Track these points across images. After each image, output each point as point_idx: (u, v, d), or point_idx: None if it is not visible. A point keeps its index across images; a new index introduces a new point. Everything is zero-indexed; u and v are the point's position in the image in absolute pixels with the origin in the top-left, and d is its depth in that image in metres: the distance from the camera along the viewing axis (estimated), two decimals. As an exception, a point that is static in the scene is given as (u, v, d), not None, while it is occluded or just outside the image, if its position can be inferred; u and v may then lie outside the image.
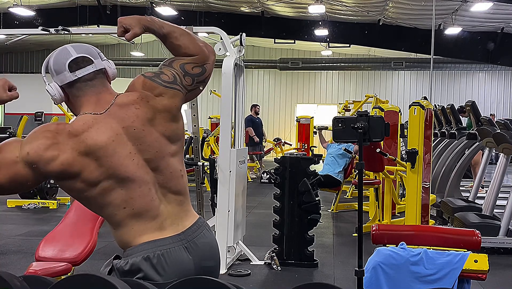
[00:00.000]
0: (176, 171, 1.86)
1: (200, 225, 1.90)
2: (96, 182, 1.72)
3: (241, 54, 5.20)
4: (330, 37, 16.59)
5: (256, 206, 8.56)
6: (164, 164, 1.83)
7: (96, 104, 1.81)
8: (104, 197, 1.75)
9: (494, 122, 6.64)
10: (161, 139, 1.83)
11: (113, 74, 1.92)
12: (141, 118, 1.80)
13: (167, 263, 1.77)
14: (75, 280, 1.46)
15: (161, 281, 1.74)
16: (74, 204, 3.85)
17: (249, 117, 12.50)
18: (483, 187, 8.79)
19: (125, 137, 1.78)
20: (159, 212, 1.81)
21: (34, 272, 3.21)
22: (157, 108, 1.83)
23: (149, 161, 1.80)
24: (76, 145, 1.70)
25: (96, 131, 1.74)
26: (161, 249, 1.77)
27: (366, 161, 5.04)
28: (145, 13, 15.17)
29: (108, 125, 1.77)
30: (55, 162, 1.68)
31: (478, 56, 17.16)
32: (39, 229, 6.74)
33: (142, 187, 1.78)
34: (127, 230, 1.80)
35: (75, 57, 1.82)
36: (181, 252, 1.80)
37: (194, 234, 1.86)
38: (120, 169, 1.75)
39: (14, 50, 21.94)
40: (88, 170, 1.71)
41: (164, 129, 1.84)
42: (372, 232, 3.15)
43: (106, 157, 1.73)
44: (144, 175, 1.79)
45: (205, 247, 1.88)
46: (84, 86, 1.82)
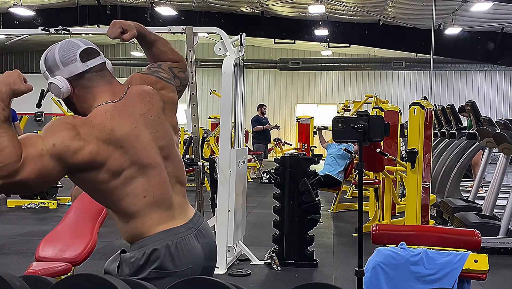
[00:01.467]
0: (180, 161, 1.95)
1: (199, 215, 1.98)
2: (120, 171, 1.73)
3: (241, 54, 5.20)
4: (330, 37, 16.59)
5: (256, 206, 8.56)
6: (174, 153, 1.91)
7: (111, 94, 1.83)
8: (125, 187, 1.75)
9: (494, 122, 6.64)
10: (170, 128, 1.92)
11: (110, 69, 1.95)
12: (156, 106, 1.87)
13: (183, 251, 1.79)
14: (75, 280, 1.46)
15: (173, 269, 1.76)
16: (74, 204, 3.85)
17: (255, 117, 12.65)
18: (482, 187, 8.79)
19: (143, 125, 1.82)
20: (172, 201, 1.86)
21: (34, 272, 3.21)
22: (164, 99, 1.93)
23: (162, 148, 1.86)
24: (101, 134, 1.70)
25: (119, 119, 1.76)
26: (178, 237, 1.80)
27: (366, 161, 5.04)
28: (145, 13, 15.18)
29: (128, 113, 1.80)
30: (82, 151, 1.66)
31: (478, 56, 17.17)
32: (39, 229, 6.74)
33: (161, 174, 1.83)
34: (144, 221, 1.79)
35: (85, 48, 1.83)
36: (193, 240, 1.85)
37: (198, 223, 1.92)
38: (143, 155, 1.78)
39: (14, 50, 21.95)
40: (113, 158, 1.72)
41: (171, 119, 1.94)
42: (372, 232, 3.15)
43: (131, 143, 1.75)
44: (161, 163, 1.85)
45: (210, 235, 1.97)
46: (95, 77, 1.83)
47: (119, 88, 1.86)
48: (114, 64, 9.21)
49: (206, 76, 20.62)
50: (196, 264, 1.82)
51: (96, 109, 1.79)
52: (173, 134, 1.93)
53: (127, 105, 1.82)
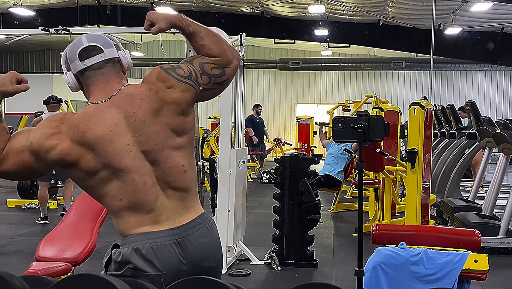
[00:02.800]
0: (177, 166, 1.85)
1: (199, 222, 1.88)
2: (93, 172, 1.77)
3: (241, 54, 5.20)
4: (330, 37, 16.59)
5: (256, 206, 8.56)
6: (163, 158, 1.83)
7: (104, 93, 1.85)
8: (101, 187, 1.79)
9: (494, 122, 6.63)
10: (163, 132, 1.83)
11: (128, 64, 1.94)
12: (144, 109, 1.82)
13: (157, 256, 1.78)
14: (75, 280, 1.46)
15: (152, 273, 1.77)
16: (74, 204, 3.85)
17: (249, 117, 12.43)
18: (483, 187, 8.79)
19: (125, 128, 1.80)
20: (155, 206, 1.81)
21: (34, 272, 3.21)
22: (165, 100, 1.84)
23: (147, 153, 1.81)
24: (75, 135, 1.76)
25: (95, 121, 1.78)
26: (151, 242, 1.78)
27: (366, 161, 5.04)
28: (144, 13, 15.17)
29: (109, 115, 1.79)
30: (53, 150, 1.76)
31: (478, 56, 17.16)
32: (39, 229, 6.74)
33: (136, 180, 1.79)
34: (123, 221, 1.83)
35: (85, 46, 1.86)
36: (171, 247, 1.80)
37: (190, 231, 1.84)
38: (115, 160, 1.77)
39: (14, 50, 21.93)
40: (85, 160, 1.76)
41: (169, 121, 1.84)
42: (372, 232, 3.15)
43: (103, 147, 1.76)
44: (140, 168, 1.80)
45: (202, 246, 1.86)
46: (93, 75, 1.86)
47: (114, 87, 1.86)
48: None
49: (206, 76, 20.59)
50: (175, 271, 1.78)
51: (84, 107, 1.85)
52: (167, 137, 1.83)
53: (112, 106, 1.81)
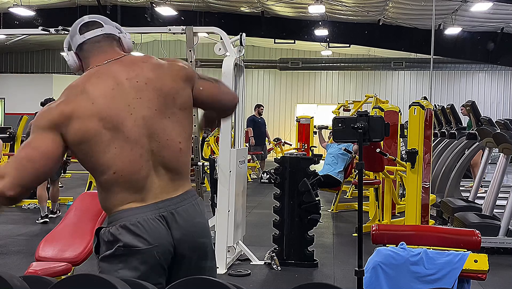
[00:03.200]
0: (174, 141, 1.85)
1: (184, 198, 1.89)
2: (96, 132, 1.76)
3: (241, 54, 5.20)
4: (330, 37, 16.58)
5: (256, 206, 8.56)
6: (162, 128, 1.83)
7: (102, 61, 1.89)
8: (99, 155, 1.77)
9: (494, 122, 6.63)
10: (164, 98, 1.85)
11: (128, 45, 1.98)
12: (146, 71, 1.86)
13: (145, 229, 1.79)
14: (75, 280, 1.46)
15: (143, 247, 1.79)
16: (74, 204, 3.85)
17: (251, 117, 12.48)
18: (482, 187, 8.79)
19: (126, 88, 1.82)
20: (144, 184, 1.82)
21: (34, 272, 3.22)
22: (166, 68, 1.90)
23: (147, 119, 1.81)
24: (78, 95, 1.79)
25: (96, 80, 1.82)
26: (138, 216, 1.80)
27: (366, 161, 5.04)
28: (145, 13, 15.18)
29: (111, 75, 1.84)
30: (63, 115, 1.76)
31: (478, 56, 17.16)
32: (39, 229, 6.74)
33: (134, 150, 1.79)
34: (111, 196, 1.83)
35: (86, 21, 1.93)
36: (158, 220, 1.81)
37: (174, 206, 1.85)
38: (117, 119, 1.79)
39: (14, 50, 21.93)
40: (89, 117, 1.76)
41: (170, 87, 1.87)
42: (372, 232, 3.15)
43: (105, 104, 1.78)
44: (139, 137, 1.80)
45: (190, 220, 1.88)
46: (92, 48, 1.90)
47: (113, 56, 1.90)
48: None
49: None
50: (163, 244, 1.81)
51: (82, 74, 1.89)
52: (166, 104, 1.84)
53: (113, 67, 1.86)
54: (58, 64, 22.56)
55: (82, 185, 9.36)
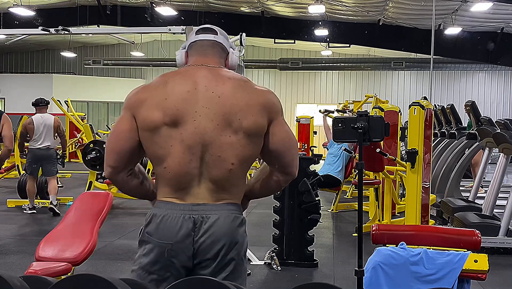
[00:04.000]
0: (225, 159, 1.86)
1: (222, 208, 1.89)
2: (158, 123, 1.84)
3: (241, 54, 5.20)
4: (330, 37, 16.59)
5: (256, 206, 8.56)
6: (217, 143, 1.86)
7: (198, 62, 1.98)
8: (156, 145, 1.86)
9: (494, 122, 6.63)
10: (229, 116, 1.86)
11: (233, 63, 2.03)
12: (225, 86, 1.88)
13: (164, 225, 1.87)
14: (75, 280, 1.46)
15: (154, 238, 1.89)
16: (74, 204, 3.85)
17: None
18: (482, 187, 8.79)
19: (199, 95, 1.87)
20: (188, 186, 1.88)
21: (34, 272, 3.21)
22: (248, 90, 1.91)
23: (206, 130, 1.85)
24: (161, 87, 1.89)
25: (180, 79, 1.91)
26: (168, 211, 1.89)
27: (366, 161, 5.04)
28: (145, 13, 15.17)
29: (193, 78, 1.90)
30: (140, 97, 1.91)
31: (478, 56, 17.16)
32: (39, 229, 6.74)
33: (185, 154, 1.85)
34: (160, 186, 1.94)
35: (206, 27, 2.04)
36: (179, 220, 1.87)
37: (209, 212, 1.88)
38: (181, 119, 1.84)
39: (14, 50, 21.94)
40: (157, 110, 1.85)
41: (241, 108, 1.86)
42: (372, 232, 3.15)
43: (175, 103, 1.85)
44: (194, 143, 1.85)
45: (214, 230, 1.88)
46: (198, 48, 2.00)
47: (208, 62, 1.96)
48: (114, 64, 9.37)
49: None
50: (177, 242, 1.85)
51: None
52: (229, 123, 1.85)
53: (196, 72, 1.92)
54: (58, 64, 22.57)
55: (82, 185, 9.36)
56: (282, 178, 1.99)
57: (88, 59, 20.19)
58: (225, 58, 2.02)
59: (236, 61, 2.03)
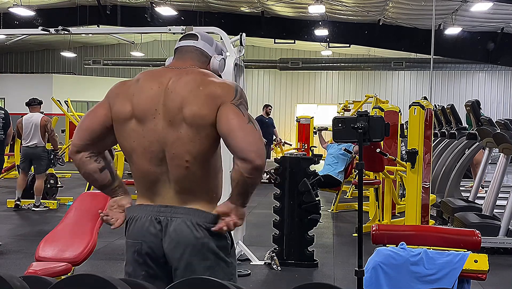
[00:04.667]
0: (179, 157, 1.87)
1: (187, 212, 1.89)
2: (125, 116, 1.93)
3: (241, 54, 5.20)
4: (330, 37, 16.58)
5: (256, 206, 8.56)
6: (171, 140, 1.87)
7: (173, 65, 2.03)
8: (123, 138, 1.96)
9: (493, 122, 6.63)
10: (177, 110, 1.88)
11: (214, 67, 2.03)
12: (183, 82, 1.91)
13: (134, 226, 1.96)
14: (75, 280, 1.46)
15: (129, 240, 1.98)
16: (74, 204, 3.85)
17: (259, 117, 12.56)
18: (483, 187, 8.79)
19: (161, 93, 1.91)
20: (154, 186, 1.93)
21: (34, 272, 3.21)
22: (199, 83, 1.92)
23: (163, 128, 1.88)
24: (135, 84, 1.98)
25: (151, 77, 1.97)
26: (138, 213, 1.96)
27: (366, 161, 5.04)
28: (145, 13, 15.17)
29: (161, 77, 1.96)
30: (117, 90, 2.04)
31: (478, 56, 17.15)
32: (39, 229, 6.74)
33: (145, 151, 1.90)
34: (136, 187, 2.03)
35: (189, 33, 2.11)
36: (151, 222, 1.92)
37: (175, 215, 1.90)
38: (144, 116, 1.90)
39: (14, 50, 21.92)
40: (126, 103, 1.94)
41: (183, 101, 1.88)
42: (372, 232, 3.15)
43: (140, 100, 1.92)
44: (152, 141, 1.89)
45: (177, 234, 1.90)
46: (178, 54, 2.06)
47: (183, 65, 2.00)
48: (114, 64, 9.39)
49: (206, 76, 20.57)
50: (146, 242, 1.91)
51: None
52: (182, 119, 1.86)
53: (166, 73, 1.98)
54: (58, 64, 22.56)
55: (82, 185, 9.35)
56: (240, 165, 1.88)
57: (88, 59, 20.19)
58: (207, 63, 2.04)
59: (217, 66, 2.04)
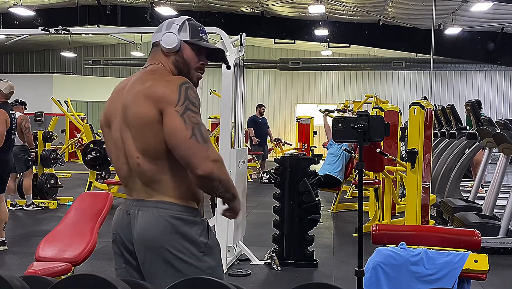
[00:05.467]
0: (131, 154, 1.96)
1: (154, 205, 1.94)
2: (102, 123, 2.06)
3: (241, 54, 5.20)
4: (330, 37, 16.58)
5: (256, 206, 8.56)
6: (125, 138, 1.97)
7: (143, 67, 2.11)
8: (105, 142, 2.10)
9: (493, 122, 6.63)
10: (125, 110, 1.97)
11: (164, 44, 2.03)
12: (138, 83, 1.98)
13: (115, 219, 2.06)
14: (75, 280, 1.46)
15: (111, 232, 2.09)
16: (74, 204, 3.85)
17: (252, 117, 12.40)
18: (483, 187, 8.79)
19: (122, 95, 1.99)
20: (127, 182, 2.02)
21: (34, 272, 3.21)
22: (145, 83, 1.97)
23: (121, 127, 1.97)
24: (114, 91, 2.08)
25: (123, 82, 2.05)
26: (119, 207, 2.07)
27: (366, 161, 5.04)
28: (145, 13, 15.17)
29: (128, 80, 2.03)
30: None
31: (478, 56, 17.16)
32: (39, 229, 6.74)
33: (114, 151, 2.02)
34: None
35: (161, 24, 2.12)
36: (124, 214, 2.01)
37: (142, 207, 1.97)
38: (110, 118, 2.02)
39: (14, 50, 21.93)
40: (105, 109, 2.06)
41: (130, 102, 1.95)
42: (372, 232, 3.15)
43: (109, 103, 2.04)
44: (116, 140, 2.00)
45: (141, 226, 1.95)
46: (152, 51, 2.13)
47: (148, 64, 2.07)
48: (114, 64, 9.40)
49: (206, 76, 20.54)
50: (120, 234, 2.02)
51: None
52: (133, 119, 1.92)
53: (136, 74, 2.04)
54: (58, 64, 22.57)
55: (82, 185, 9.36)
56: (190, 177, 1.87)
57: (88, 59, 20.19)
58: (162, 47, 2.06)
59: (166, 41, 2.01)
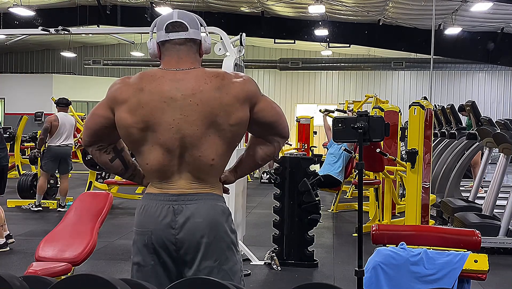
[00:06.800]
0: (206, 157, 1.94)
1: (201, 198, 1.96)
2: (136, 130, 1.93)
3: (241, 54, 5.20)
4: (330, 37, 16.59)
5: (256, 206, 8.56)
6: (198, 145, 1.92)
7: (174, 67, 1.97)
8: (138, 147, 1.97)
9: (494, 122, 6.63)
10: (211, 118, 1.91)
11: (206, 49, 2.05)
12: (204, 92, 1.92)
13: (145, 215, 1.97)
14: (75, 280, 1.46)
15: (136, 228, 2.00)
16: (74, 204, 3.85)
17: None
18: (482, 187, 8.78)
19: (177, 105, 1.91)
20: (169, 178, 1.96)
21: (34, 272, 3.21)
22: (225, 89, 1.93)
23: (187, 136, 1.91)
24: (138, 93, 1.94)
25: (155, 86, 1.93)
26: (149, 201, 1.98)
27: (366, 161, 5.04)
28: (145, 13, 15.17)
29: (168, 87, 1.92)
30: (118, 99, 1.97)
31: (478, 56, 17.16)
32: (39, 229, 6.74)
33: (164, 155, 1.93)
34: (147, 178, 2.07)
35: (174, 20, 1.99)
36: (159, 208, 1.95)
37: (188, 201, 1.95)
38: (157, 129, 1.91)
39: (14, 50, 21.93)
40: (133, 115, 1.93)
41: (221, 109, 1.91)
42: (372, 232, 3.15)
43: (152, 113, 1.91)
44: (173, 147, 1.92)
45: (193, 217, 1.94)
46: (171, 48, 2.00)
47: (184, 66, 1.97)
48: (114, 64, 9.39)
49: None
50: (157, 230, 1.94)
51: (152, 70, 2.04)
52: (208, 126, 1.91)
53: (173, 80, 1.94)
54: (58, 64, 22.57)
55: (82, 185, 9.36)
56: (281, 140, 2.13)
57: (88, 59, 20.19)
58: (199, 49, 2.04)
59: (208, 46, 2.06)
